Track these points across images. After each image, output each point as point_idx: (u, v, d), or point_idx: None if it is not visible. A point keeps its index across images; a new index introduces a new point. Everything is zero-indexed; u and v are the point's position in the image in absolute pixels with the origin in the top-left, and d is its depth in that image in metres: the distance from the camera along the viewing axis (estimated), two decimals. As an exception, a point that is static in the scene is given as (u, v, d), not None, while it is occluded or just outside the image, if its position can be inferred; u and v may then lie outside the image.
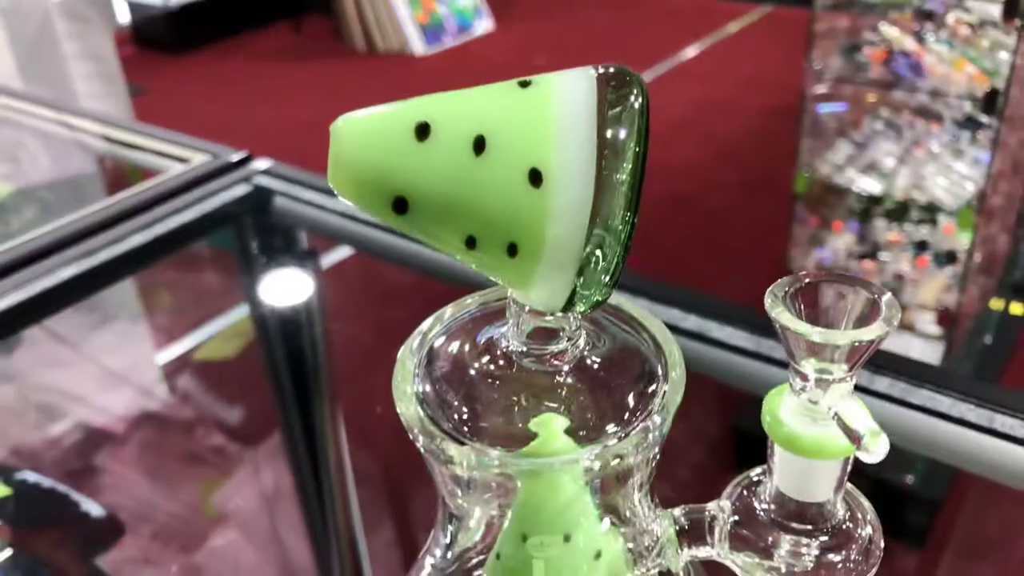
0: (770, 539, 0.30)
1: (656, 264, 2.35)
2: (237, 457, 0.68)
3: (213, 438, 0.70)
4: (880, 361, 0.53)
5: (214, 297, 0.83)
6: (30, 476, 0.63)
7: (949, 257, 2.14)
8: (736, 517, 0.30)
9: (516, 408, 0.26)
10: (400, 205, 0.22)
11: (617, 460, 0.25)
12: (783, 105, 3.06)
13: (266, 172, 0.78)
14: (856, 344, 0.25)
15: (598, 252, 0.23)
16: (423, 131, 0.22)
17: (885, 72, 2.04)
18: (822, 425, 0.27)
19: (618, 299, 0.30)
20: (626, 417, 0.26)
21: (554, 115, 0.22)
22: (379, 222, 0.72)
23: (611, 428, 0.25)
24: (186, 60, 4.43)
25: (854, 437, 0.25)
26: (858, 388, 0.52)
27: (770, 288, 0.27)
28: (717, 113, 3.49)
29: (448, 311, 0.29)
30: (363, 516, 0.62)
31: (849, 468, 0.29)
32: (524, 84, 0.23)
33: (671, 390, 0.27)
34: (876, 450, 0.24)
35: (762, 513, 0.30)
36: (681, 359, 0.28)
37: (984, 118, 2.01)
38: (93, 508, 0.60)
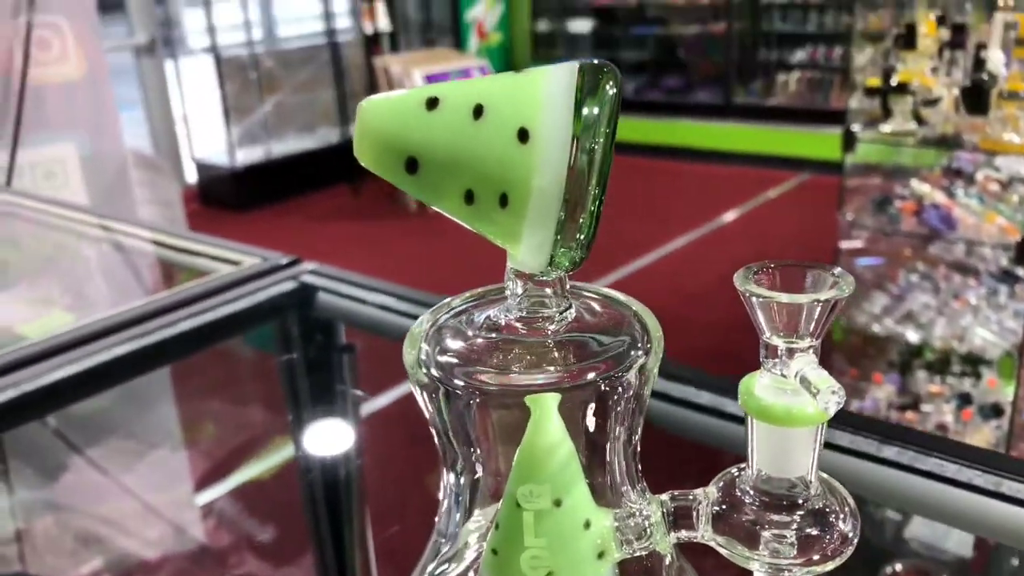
0: (753, 520, 0.31)
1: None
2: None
3: (246, 566, 0.71)
4: (888, 431, 0.54)
5: (256, 425, 0.86)
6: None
7: (994, 410, 2.11)
8: (721, 503, 0.32)
9: (511, 364, 0.29)
10: (411, 165, 0.27)
11: (596, 402, 0.28)
12: (819, 262, 3.10)
13: (312, 272, 0.84)
14: (816, 304, 0.28)
15: (573, 215, 0.26)
16: (432, 103, 0.27)
17: (916, 224, 2.09)
18: (791, 395, 0.30)
19: (613, 296, 0.34)
20: (607, 372, 0.29)
21: (542, 89, 0.26)
22: (413, 311, 0.76)
23: (591, 376, 0.28)
24: (248, 216, 4.67)
25: (815, 392, 0.28)
26: (866, 456, 0.53)
27: (738, 271, 0.30)
28: (756, 272, 3.55)
29: (454, 300, 0.33)
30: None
31: (821, 440, 0.31)
32: (518, 71, 0.27)
33: (650, 359, 0.30)
34: (831, 400, 0.27)
35: (744, 496, 0.32)
36: (660, 335, 0.31)
37: (1021, 271, 2.02)
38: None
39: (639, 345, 0.30)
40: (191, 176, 5.02)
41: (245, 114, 5.11)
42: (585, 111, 0.26)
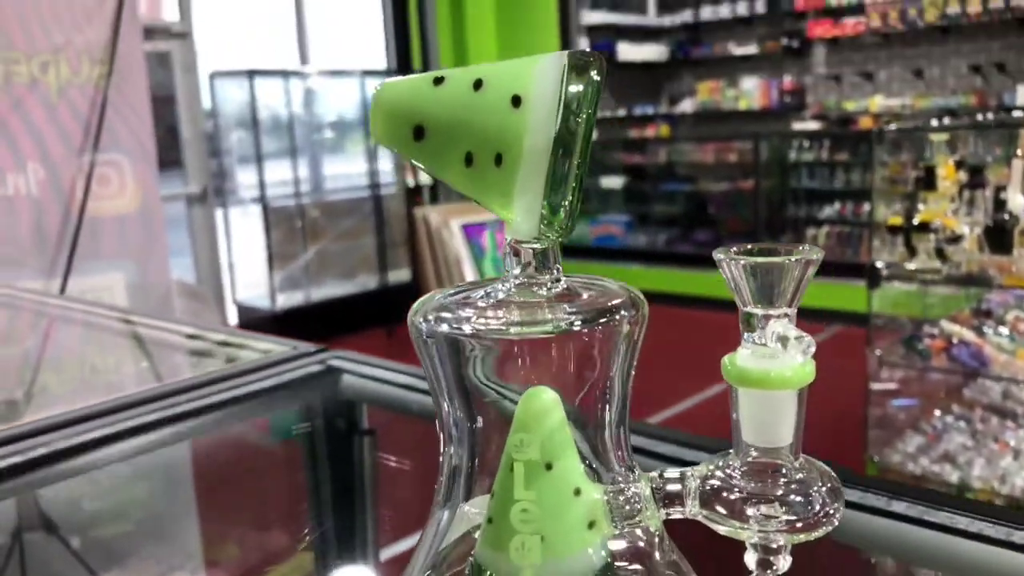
0: (740, 492, 0.32)
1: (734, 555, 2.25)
2: None
3: None
4: (897, 489, 0.54)
5: (277, 540, 0.86)
6: None
7: (1044, 558, 2.01)
8: (710, 479, 0.33)
9: (507, 317, 0.31)
10: (419, 132, 0.30)
11: (584, 360, 0.30)
12: (848, 408, 3.07)
13: (339, 356, 0.87)
14: (789, 265, 0.30)
15: (558, 176, 0.30)
16: (439, 81, 0.31)
17: (947, 360, 2.08)
18: (769, 360, 0.31)
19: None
20: (595, 325, 0.31)
21: (534, 66, 0.30)
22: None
23: (578, 323, 0.30)
24: (283, 357, 4.74)
25: (784, 342, 0.30)
26: (875, 511, 0.53)
27: (718, 250, 0.33)
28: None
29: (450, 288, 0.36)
30: None
31: (802, 410, 0.32)
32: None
33: (636, 328, 0.32)
34: (798, 347, 0.29)
35: (732, 471, 0.33)
36: (647, 310, 0.33)
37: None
38: None
39: (625, 310, 0.32)
40: (232, 318, 5.14)
41: (288, 260, 5.29)
42: (572, 88, 0.30)
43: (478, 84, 0.30)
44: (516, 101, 0.29)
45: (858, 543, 0.54)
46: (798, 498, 0.32)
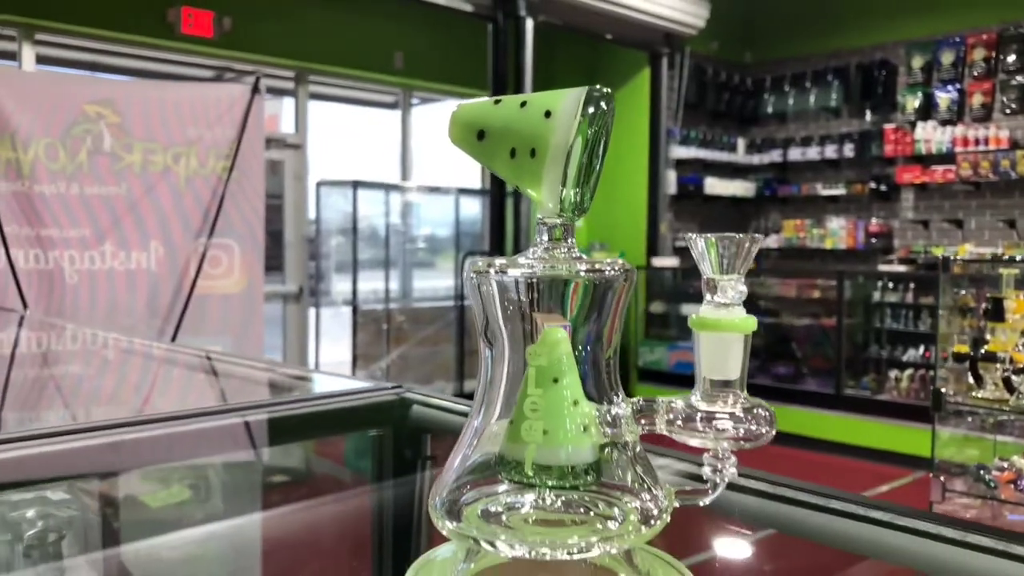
0: (699, 411, 0.43)
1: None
2: None
3: None
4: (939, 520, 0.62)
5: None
6: None
7: None
8: (678, 403, 0.44)
9: (538, 265, 0.44)
10: (481, 135, 0.44)
11: (588, 301, 0.42)
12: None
13: (410, 390, 1.00)
14: (737, 240, 0.42)
15: (572, 166, 0.42)
16: (497, 102, 0.44)
17: (1013, 492, 2.06)
18: (723, 311, 0.43)
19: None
20: (598, 274, 0.43)
21: (563, 93, 0.43)
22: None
23: (583, 270, 0.43)
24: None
25: (726, 292, 0.41)
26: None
27: (688, 234, 0.44)
28: None
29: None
30: None
31: (746, 355, 0.43)
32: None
33: (628, 284, 0.44)
34: (735, 290, 0.40)
35: (694, 398, 0.44)
36: (635, 276, 0.45)
37: None
38: None
39: (618, 269, 0.44)
40: (313, 412, 5.32)
41: (370, 361, 5.50)
42: (587, 109, 0.43)
43: (523, 104, 0.43)
44: (548, 114, 0.43)
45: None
46: (742, 415, 0.42)
